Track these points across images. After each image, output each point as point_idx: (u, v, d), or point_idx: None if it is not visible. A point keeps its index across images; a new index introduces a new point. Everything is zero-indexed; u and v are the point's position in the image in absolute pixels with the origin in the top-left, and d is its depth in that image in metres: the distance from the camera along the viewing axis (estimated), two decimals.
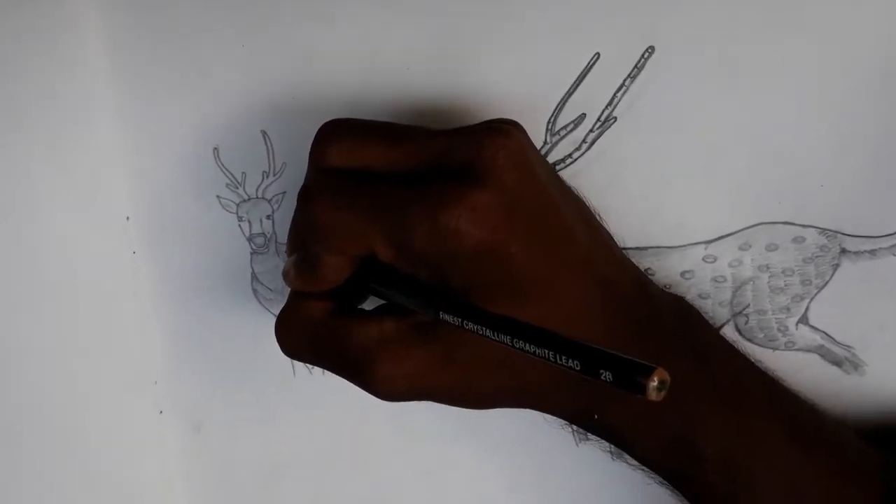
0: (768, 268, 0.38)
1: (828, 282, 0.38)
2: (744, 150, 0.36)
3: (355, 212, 0.31)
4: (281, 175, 0.38)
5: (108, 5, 0.36)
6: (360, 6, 0.35)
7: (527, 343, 0.27)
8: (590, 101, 0.36)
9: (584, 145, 0.37)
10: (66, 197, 0.38)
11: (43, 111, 0.36)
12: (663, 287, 0.37)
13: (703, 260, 0.38)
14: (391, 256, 0.31)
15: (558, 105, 0.36)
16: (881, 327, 0.38)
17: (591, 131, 0.36)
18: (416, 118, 0.36)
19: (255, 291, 0.39)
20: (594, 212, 0.35)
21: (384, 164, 0.32)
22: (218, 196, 0.38)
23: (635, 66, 0.35)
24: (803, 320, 0.38)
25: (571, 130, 0.36)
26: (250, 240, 0.39)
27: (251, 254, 0.39)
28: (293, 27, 0.36)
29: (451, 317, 0.30)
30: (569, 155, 0.37)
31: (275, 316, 0.39)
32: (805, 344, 0.38)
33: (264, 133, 0.37)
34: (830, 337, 0.38)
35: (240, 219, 0.38)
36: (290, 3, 0.35)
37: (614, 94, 0.36)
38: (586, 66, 0.36)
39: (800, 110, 0.35)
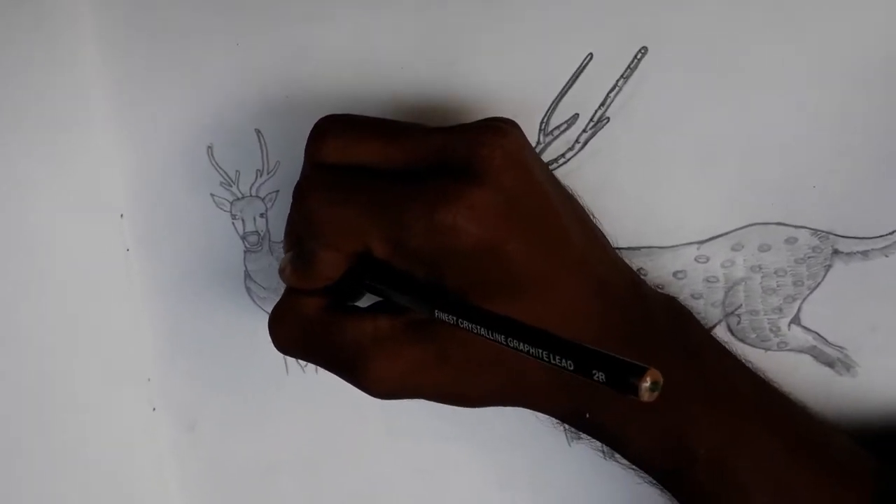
0: (760, 268, 0.38)
1: (820, 283, 0.38)
2: (736, 150, 0.36)
3: (352, 207, 0.31)
4: (275, 173, 0.38)
5: (102, 5, 0.36)
6: (353, 5, 0.35)
7: (521, 342, 0.27)
8: (583, 101, 0.36)
9: (577, 145, 0.37)
10: (61, 194, 0.38)
11: (38, 110, 0.37)
12: (655, 287, 0.37)
13: (695, 260, 0.38)
14: (387, 253, 0.31)
15: (551, 105, 0.36)
16: (873, 328, 0.38)
17: (584, 131, 0.36)
18: (410, 117, 0.36)
19: (248, 289, 0.39)
20: (588, 211, 0.35)
21: (380, 161, 0.32)
22: (212, 194, 0.38)
23: (628, 66, 0.35)
24: (795, 321, 0.38)
25: (564, 130, 0.36)
26: (244, 238, 0.39)
27: (245, 252, 0.39)
28: (287, 26, 0.36)
29: (447, 315, 0.30)
30: (562, 155, 0.37)
31: (268, 314, 0.39)
32: (797, 345, 0.38)
33: (258, 131, 0.37)
34: (822, 338, 0.38)
35: (233, 217, 0.38)
36: (283, 2, 0.35)
37: (607, 94, 0.36)
38: (579, 67, 0.36)
39: (792, 111, 0.35)
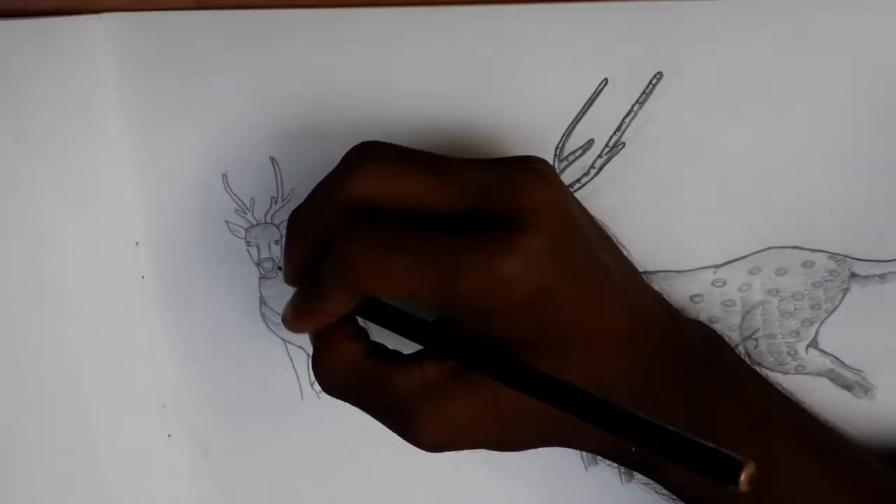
0: (778, 292, 0.37)
1: (837, 306, 0.37)
2: (752, 175, 0.36)
3: (402, 255, 0.30)
4: (289, 200, 0.38)
5: (118, 34, 0.36)
6: (370, 34, 0.35)
7: (588, 417, 0.27)
8: (598, 126, 0.36)
9: (593, 170, 0.36)
10: (77, 222, 0.38)
11: (54, 138, 0.37)
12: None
13: (712, 284, 0.38)
14: (433, 302, 0.30)
15: (567, 130, 0.36)
16: (891, 351, 0.38)
17: (599, 157, 0.36)
18: (426, 144, 0.36)
19: (263, 316, 0.39)
20: (616, 240, 0.35)
21: (424, 200, 0.30)
22: (226, 221, 0.38)
23: (643, 91, 0.35)
24: (813, 344, 0.38)
25: (580, 156, 0.36)
26: (258, 265, 0.39)
27: (259, 278, 0.39)
28: (303, 54, 0.36)
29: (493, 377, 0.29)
30: (577, 180, 0.37)
31: (283, 340, 0.39)
32: (815, 368, 0.38)
33: (273, 159, 0.37)
34: (840, 361, 0.38)
35: (248, 244, 0.38)
36: (300, 31, 0.35)
37: (623, 119, 0.36)
38: (594, 92, 0.35)
39: (809, 135, 0.35)
